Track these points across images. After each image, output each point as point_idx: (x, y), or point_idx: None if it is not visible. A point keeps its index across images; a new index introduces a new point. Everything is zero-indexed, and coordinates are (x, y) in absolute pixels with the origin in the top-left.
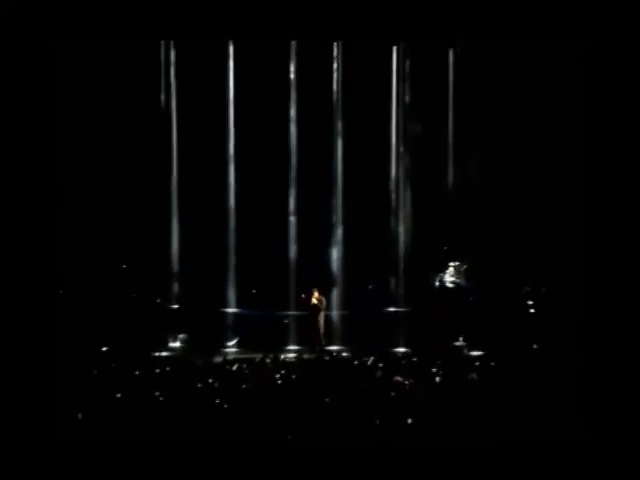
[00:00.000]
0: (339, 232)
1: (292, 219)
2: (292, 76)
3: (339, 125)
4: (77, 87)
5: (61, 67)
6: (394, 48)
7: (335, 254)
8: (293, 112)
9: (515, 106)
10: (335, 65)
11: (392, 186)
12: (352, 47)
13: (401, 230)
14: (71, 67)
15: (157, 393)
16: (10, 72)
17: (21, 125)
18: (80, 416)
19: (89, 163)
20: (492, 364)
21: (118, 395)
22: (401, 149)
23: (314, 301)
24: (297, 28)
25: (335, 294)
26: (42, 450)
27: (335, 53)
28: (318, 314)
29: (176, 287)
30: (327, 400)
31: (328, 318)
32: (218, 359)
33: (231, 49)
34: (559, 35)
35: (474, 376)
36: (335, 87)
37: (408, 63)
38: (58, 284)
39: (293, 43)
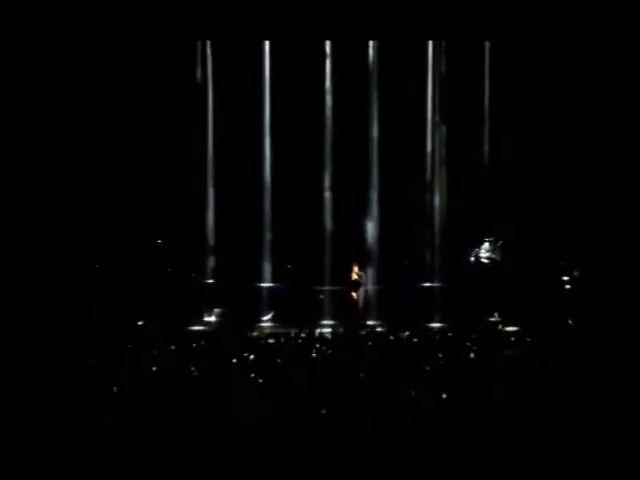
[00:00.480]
0: (375, 207)
1: (327, 194)
2: (328, 49)
3: (375, 98)
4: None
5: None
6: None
7: (371, 229)
8: (329, 84)
9: (549, 83)
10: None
11: (428, 161)
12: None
13: (436, 205)
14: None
15: (192, 368)
16: (12, 72)
17: (27, 113)
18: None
19: (126, 135)
20: (528, 340)
21: (154, 369)
22: (436, 123)
23: (354, 276)
24: (330, 27)
25: (371, 269)
26: (46, 446)
27: None
28: (358, 289)
29: (212, 261)
30: (362, 375)
31: (367, 293)
32: (254, 333)
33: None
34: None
35: (509, 352)
36: (370, 59)
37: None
38: (93, 260)
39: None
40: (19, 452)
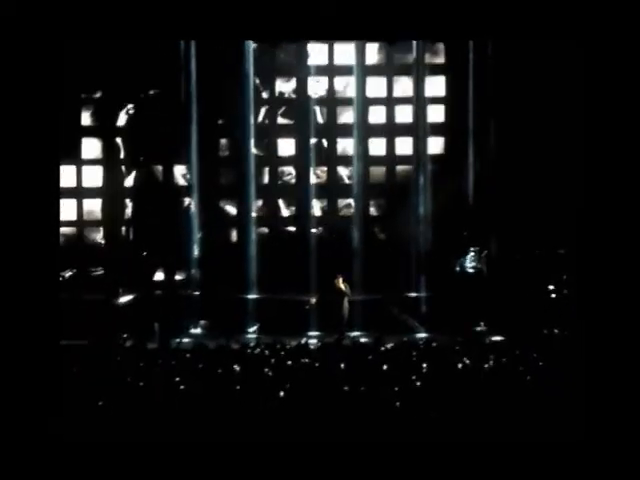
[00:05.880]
0: (360, 217)
1: (313, 203)
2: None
3: (356, 108)
4: None
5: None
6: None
7: (356, 239)
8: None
9: (531, 95)
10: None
11: (413, 171)
12: None
13: (422, 216)
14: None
15: (177, 379)
16: (13, 70)
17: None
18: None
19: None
20: (513, 350)
21: (141, 384)
22: (421, 134)
23: (341, 287)
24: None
25: (357, 279)
26: (42, 451)
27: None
28: (343, 300)
29: (197, 273)
30: (346, 388)
31: (352, 304)
32: (237, 345)
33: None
34: (555, 35)
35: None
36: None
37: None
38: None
39: None
40: (20, 452)
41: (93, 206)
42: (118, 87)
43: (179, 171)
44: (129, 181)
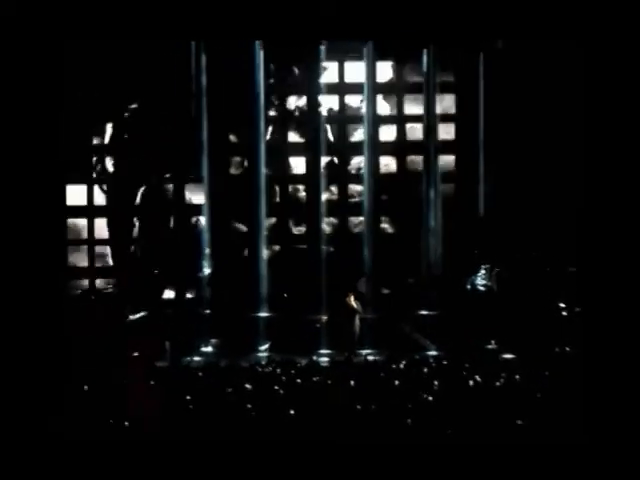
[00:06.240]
0: (370, 235)
1: (323, 220)
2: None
3: (370, 128)
4: None
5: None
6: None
7: (367, 256)
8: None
9: (542, 111)
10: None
11: (423, 188)
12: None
13: (433, 233)
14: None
15: (188, 397)
16: (12, 70)
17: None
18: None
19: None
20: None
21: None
22: (432, 151)
23: (353, 304)
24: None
25: (368, 297)
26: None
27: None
28: (354, 317)
29: (208, 291)
30: (358, 406)
31: (363, 321)
32: (248, 363)
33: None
34: (555, 35)
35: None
36: (366, 89)
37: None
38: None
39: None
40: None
41: (102, 224)
42: (127, 103)
43: (190, 188)
44: (138, 198)
